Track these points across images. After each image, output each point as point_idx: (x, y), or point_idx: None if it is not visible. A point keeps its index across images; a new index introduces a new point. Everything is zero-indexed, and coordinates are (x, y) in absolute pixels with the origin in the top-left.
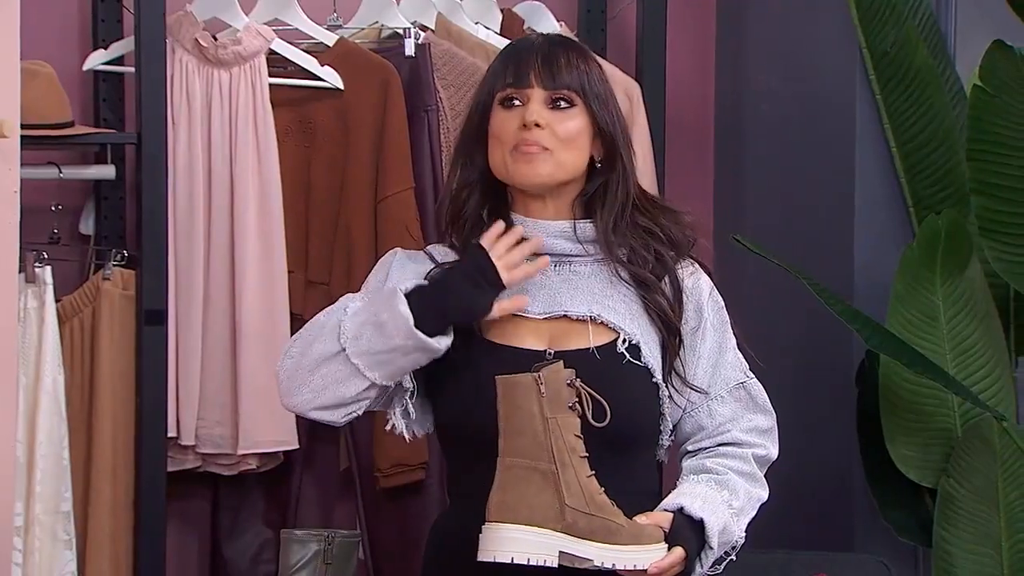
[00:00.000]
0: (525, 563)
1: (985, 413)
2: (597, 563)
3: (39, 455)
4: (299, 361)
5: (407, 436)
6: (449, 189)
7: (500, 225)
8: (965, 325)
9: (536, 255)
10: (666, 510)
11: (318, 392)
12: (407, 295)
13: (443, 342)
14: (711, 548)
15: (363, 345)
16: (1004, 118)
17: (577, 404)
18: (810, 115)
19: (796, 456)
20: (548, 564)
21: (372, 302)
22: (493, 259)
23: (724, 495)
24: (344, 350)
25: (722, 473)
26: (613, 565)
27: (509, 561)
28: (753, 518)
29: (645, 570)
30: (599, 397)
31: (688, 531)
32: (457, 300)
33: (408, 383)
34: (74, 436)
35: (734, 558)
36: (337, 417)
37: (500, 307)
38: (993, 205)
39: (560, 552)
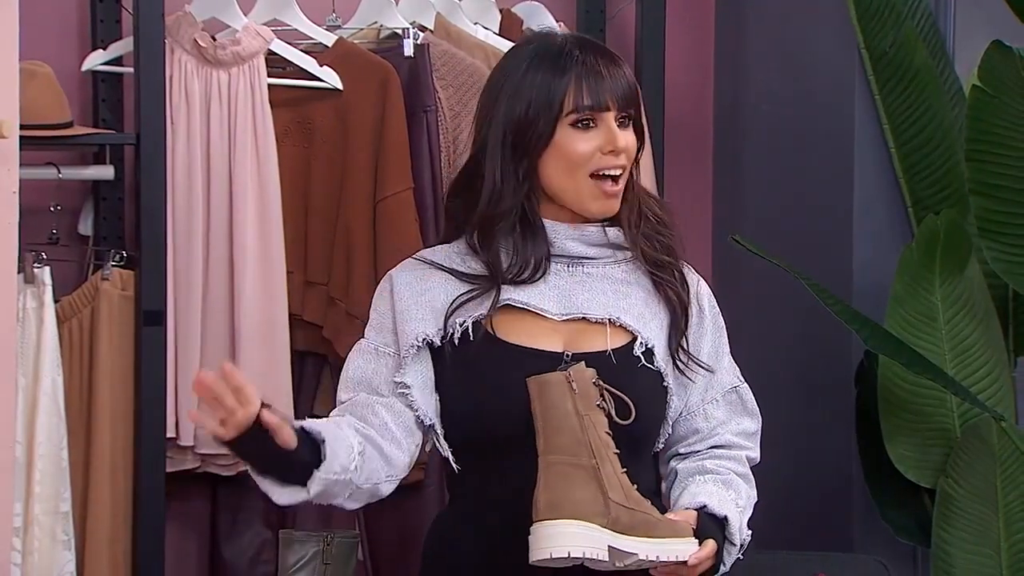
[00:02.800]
0: (581, 557)
1: (984, 413)
2: (642, 557)
3: (38, 455)
4: None
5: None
6: (492, 195)
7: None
8: (964, 325)
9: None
10: (689, 508)
11: (348, 501)
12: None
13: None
14: (733, 544)
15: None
16: (1003, 118)
17: (603, 402)
18: (809, 115)
19: (795, 456)
20: (600, 558)
21: None
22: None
23: (731, 495)
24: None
25: (724, 473)
26: (657, 557)
27: (566, 556)
28: (750, 518)
29: (685, 562)
30: (622, 395)
31: (714, 527)
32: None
33: (428, 419)
34: (73, 437)
35: (741, 556)
36: (353, 505)
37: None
38: (992, 205)
39: (610, 548)
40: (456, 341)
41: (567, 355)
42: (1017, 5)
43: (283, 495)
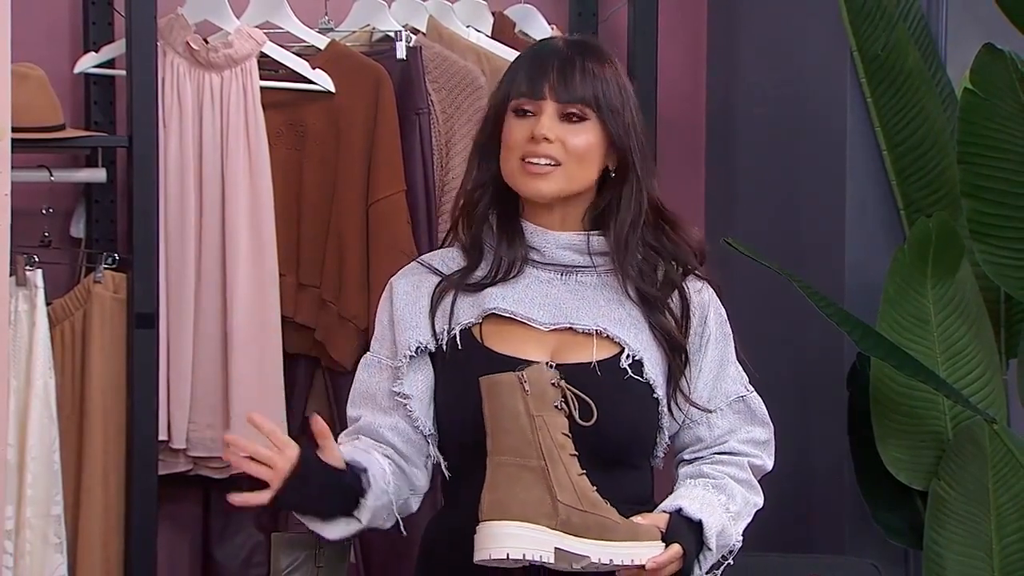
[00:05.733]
0: (521, 558)
1: (976, 416)
2: (594, 559)
3: (30, 458)
4: None
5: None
6: (464, 188)
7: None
8: (956, 328)
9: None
10: (664, 511)
11: (387, 522)
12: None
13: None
14: (709, 549)
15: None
16: (995, 121)
17: (563, 403)
18: (801, 117)
19: (787, 458)
20: (544, 560)
21: None
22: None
23: (721, 499)
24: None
25: (719, 478)
26: (611, 560)
27: (504, 557)
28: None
29: (643, 566)
30: (584, 396)
31: (686, 531)
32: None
33: (428, 429)
34: (65, 439)
35: (731, 562)
36: (390, 524)
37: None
38: (983, 208)
39: (556, 549)
40: (446, 348)
41: (550, 365)
42: (1009, 8)
43: (333, 530)
